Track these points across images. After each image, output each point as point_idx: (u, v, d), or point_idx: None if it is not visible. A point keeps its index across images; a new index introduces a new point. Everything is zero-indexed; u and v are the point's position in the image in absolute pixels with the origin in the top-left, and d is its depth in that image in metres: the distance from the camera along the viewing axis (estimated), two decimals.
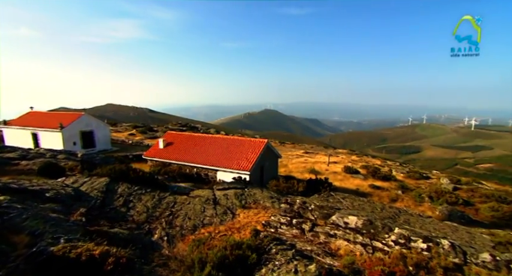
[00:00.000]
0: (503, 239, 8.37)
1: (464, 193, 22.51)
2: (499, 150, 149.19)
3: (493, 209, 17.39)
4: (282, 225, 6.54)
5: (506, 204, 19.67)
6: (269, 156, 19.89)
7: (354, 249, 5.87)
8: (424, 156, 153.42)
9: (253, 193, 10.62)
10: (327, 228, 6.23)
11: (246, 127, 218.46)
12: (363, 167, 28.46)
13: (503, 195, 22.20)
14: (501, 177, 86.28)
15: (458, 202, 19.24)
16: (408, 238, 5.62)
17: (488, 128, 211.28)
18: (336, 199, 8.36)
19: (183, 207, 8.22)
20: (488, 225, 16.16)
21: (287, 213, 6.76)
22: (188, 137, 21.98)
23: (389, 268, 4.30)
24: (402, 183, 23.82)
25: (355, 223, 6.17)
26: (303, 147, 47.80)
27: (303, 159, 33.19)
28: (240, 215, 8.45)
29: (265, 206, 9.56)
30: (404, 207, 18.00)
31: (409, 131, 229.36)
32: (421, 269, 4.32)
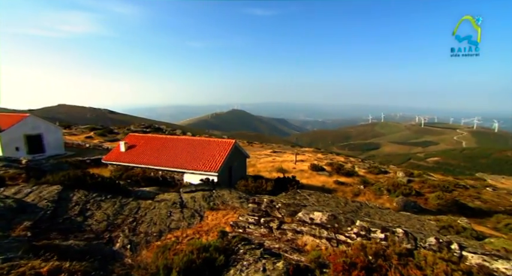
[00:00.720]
0: (445, 223, 9.36)
1: (417, 185, 24.65)
2: (444, 145, 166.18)
3: (438, 197, 19.29)
4: (250, 225, 6.57)
5: (449, 193, 21.99)
6: (237, 157, 19.86)
7: (319, 243, 6.10)
8: (383, 152, 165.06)
9: (222, 194, 10.52)
10: (293, 225, 6.39)
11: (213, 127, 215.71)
12: (328, 164, 29.76)
13: (446, 184, 24.77)
14: (445, 169, 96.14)
15: (412, 193, 21.00)
16: (368, 229, 5.98)
17: (435, 126, 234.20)
18: (302, 196, 8.62)
19: (147, 212, 7.86)
20: (435, 212, 17.90)
21: (255, 213, 6.81)
22: (152, 139, 21.06)
23: (351, 259, 4.53)
24: (364, 178, 25.36)
25: (320, 218, 6.41)
26: (271, 147, 48.56)
27: (271, 158, 33.72)
28: (209, 217, 8.32)
29: (234, 207, 9.53)
30: (366, 200, 19.17)
31: (369, 129, 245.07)
32: (379, 257, 4.62)
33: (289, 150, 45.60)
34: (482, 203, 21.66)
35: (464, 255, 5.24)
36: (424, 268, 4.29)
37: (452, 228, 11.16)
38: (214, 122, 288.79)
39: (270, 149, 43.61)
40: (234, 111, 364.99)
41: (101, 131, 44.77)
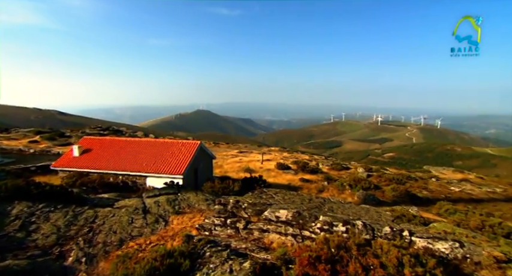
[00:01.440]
0: (399, 213, 10.20)
1: (375, 179, 26.48)
2: (397, 141, 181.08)
3: (393, 189, 20.96)
4: (216, 227, 6.48)
5: (402, 185, 24.00)
6: (203, 158, 19.48)
7: (285, 240, 6.23)
8: (345, 149, 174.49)
9: (187, 197, 10.24)
10: (260, 224, 6.44)
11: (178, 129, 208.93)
12: (293, 163, 30.58)
13: (400, 178, 27.01)
14: (399, 163, 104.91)
15: (371, 187, 22.49)
16: (331, 224, 6.26)
17: (389, 123, 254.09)
18: (268, 195, 8.74)
19: (106, 220, 7.34)
20: (391, 203, 19.39)
21: (221, 214, 6.73)
22: (111, 142, 19.69)
23: (315, 253, 4.69)
24: (327, 175, 26.52)
25: (286, 216, 6.54)
26: (238, 147, 48.51)
27: (238, 158, 33.68)
28: (174, 222, 8.04)
29: (201, 209, 9.33)
30: (330, 196, 20.07)
31: (331, 127, 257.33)
32: (341, 249, 4.85)
33: (256, 150, 45.99)
34: (428, 193, 24.00)
35: (413, 240, 5.75)
36: (380, 256, 4.61)
37: (404, 217, 12.18)
38: (178, 123, 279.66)
39: (236, 150, 43.54)
40: (200, 111, 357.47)
41: (49, 134, 40.51)
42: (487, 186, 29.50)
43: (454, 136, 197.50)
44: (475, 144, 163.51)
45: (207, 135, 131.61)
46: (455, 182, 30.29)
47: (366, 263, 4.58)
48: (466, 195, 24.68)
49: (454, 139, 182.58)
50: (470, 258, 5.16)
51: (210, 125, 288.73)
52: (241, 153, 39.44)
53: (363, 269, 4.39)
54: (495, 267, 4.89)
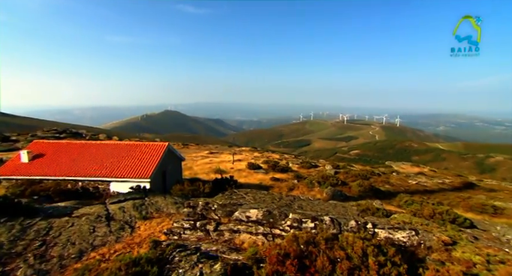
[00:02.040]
0: (364, 207, 10.79)
1: (342, 175, 27.73)
2: (362, 139, 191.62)
3: (359, 185, 22.11)
4: (185, 230, 6.30)
5: (367, 180, 25.41)
6: (171, 160, 18.87)
7: (256, 240, 6.25)
8: (313, 148, 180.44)
9: (156, 201, 9.84)
10: (230, 225, 6.39)
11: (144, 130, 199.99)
12: (264, 162, 30.89)
13: (365, 173, 28.57)
14: (364, 159, 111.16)
15: (338, 183, 23.49)
16: (300, 221, 6.40)
17: (355, 122, 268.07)
18: (239, 195, 8.72)
19: (63, 231, 6.76)
20: (357, 197, 20.43)
21: (190, 217, 6.57)
22: (68, 146, 18.21)
23: (285, 250, 4.76)
24: (297, 173, 27.20)
25: (256, 215, 6.57)
26: (208, 148, 47.78)
27: (208, 159, 33.19)
28: (141, 228, 7.67)
29: (170, 213, 9.02)
30: (300, 193, 20.59)
31: (300, 127, 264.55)
32: (309, 245, 4.98)
33: (226, 150, 45.68)
34: (390, 186, 25.72)
35: (376, 232, 6.10)
36: (346, 248, 4.82)
37: (369, 210, 12.90)
38: (145, 124, 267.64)
39: (206, 151, 42.86)
40: (168, 112, 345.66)
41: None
42: (438, 178, 32.43)
43: (411, 133, 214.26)
44: (428, 140, 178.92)
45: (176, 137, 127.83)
46: (412, 175, 32.85)
47: (333, 256, 4.76)
48: (421, 187, 26.88)
49: (411, 136, 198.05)
50: (423, 244, 5.61)
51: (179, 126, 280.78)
52: (212, 154, 38.92)
53: (330, 262, 4.55)
54: (443, 249, 5.38)
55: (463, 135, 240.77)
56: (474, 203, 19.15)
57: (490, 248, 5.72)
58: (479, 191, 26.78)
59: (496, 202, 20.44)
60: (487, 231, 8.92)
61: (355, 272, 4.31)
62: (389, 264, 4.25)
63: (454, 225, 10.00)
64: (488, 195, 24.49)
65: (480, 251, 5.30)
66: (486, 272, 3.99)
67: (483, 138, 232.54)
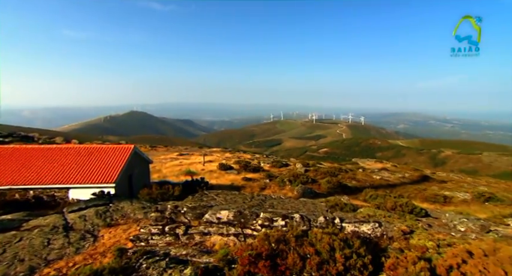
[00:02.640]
0: (333, 203, 11.24)
1: (312, 173, 28.59)
2: (330, 137, 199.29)
3: (328, 182, 22.97)
4: (153, 236, 6.05)
5: (335, 177, 26.48)
6: (138, 163, 18.03)
7: (228, 241, 6.20)
8: (284, 147, 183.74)
9: (121, 207, 9.33)
10: (201, 228, 6.27)
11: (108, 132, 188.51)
12: (236, 163, 30.79)
13: (333, 170, 29.77)
14: (332, 157, 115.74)
15: (308, 181, 24.19)
16: (271, 219, 6.47)
17: (323, 121, 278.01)
18: (209, 197, 8.58)
19: (7, 248, 6.12)
20: (326, 194, 21.20)
21: (158, 222, 6.32)
22: (14, 151, 16.47)
23: (256, 250, 4.77)
24: (269, 173, 27.50)
25: (227, 216, 6.51)
26: (177, 150, 46.42)
27: (178, 161, 32.27)
28: (105, 236, 7.22)
29: (137, 219, 8.61)
30: (271, 193, 20.83)
31: (271, 126, 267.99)
32: (280, 243, 5.05)
33: (197, 151, 44.77)
34: (356, 182, 27.10)
35: (343, 226, 6.37)
36: (315, 244, 4.96)
37: (337, 205, 13.46)
38: (108, 126, 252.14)
39: (176, 152, 41.63)
40: (133, 113, 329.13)
41: None
42: (399, 172, 34.84)
43: (374, 131, 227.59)
44: (390, 137, 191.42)
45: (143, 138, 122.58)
46: (376, 171, 34.91)
47: (303, 253, 4.87)
48: (385, 182, 28.70)
49: (375, 134, 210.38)
50: (386, 234, 5.98)
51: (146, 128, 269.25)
52: (182, 155, 37.90)
53: (301, 259, 4.66)
54: (402, 238, 5.79)
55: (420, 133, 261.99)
56: (428, 194, 20.90)
57: (440, 233, 6.28)
58: (433, 183, 29.28)
59: (446, 192, 22.52)
60: (438, 219, 9.77)
61: (323, 266, 4.45)
62: (354, 256, 4.46)
63: (412, 215, 10.82)
64: (439, 186, 26.89)
65: (432, 237, 5.78)
66: (436, 255, 4.37)
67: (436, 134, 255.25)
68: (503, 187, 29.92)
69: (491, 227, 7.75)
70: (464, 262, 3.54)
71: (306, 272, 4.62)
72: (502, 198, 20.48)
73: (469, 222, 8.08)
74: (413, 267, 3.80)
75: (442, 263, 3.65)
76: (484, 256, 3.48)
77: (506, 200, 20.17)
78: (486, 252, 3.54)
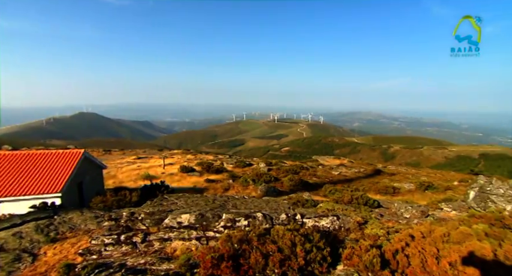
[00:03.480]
0: (295, 200, 11.58)
1: (274, 172, 29.13)
2: (292, 136, 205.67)
3: (290, 180, 23.63)
4: (107, 247, 5.59)
5: (297, 175, 27.36)
6: (89, 169, 16.58)
7: (190, 245, 5.99)
8: (247, 147, 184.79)
9: (70, 218, 8.46)
10: (160, 234, 5.97)
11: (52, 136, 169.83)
12: (198, 164, 30.05)
13: (295, 168, 30.73)
14: (294, 156, 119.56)
15: (271, 180, 24.60)
16: (234, 220, 6.42)
17: (284, 121, 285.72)
18: (170, 201, 8.23)
19: None
20: (289, 192, 21.80)
21: (113, 231, 5.86)
22: None
23: (218, 252, 4.68)
24: (232, 173, 27.33)
25: (188, 220, 6.30)
26: (135, 153, 43.76)
27: (136, 165, 30.44)
28: (48, 253, 6.45)
29: (89, 230, 7.87)
30: (235, 193, 20.76)
31: (234, 126, 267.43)
32: (243, 243, 5.02)
33: (156, 154, 42.73)
34: (317, 179, 28.33)
35: (304, 222, 6.59)
36: (277, 241, 5.04)
37: (299, 202, 13.92)
38: (52, 129, 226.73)
39: (133, 156, 39.22)
40: (83, 114, 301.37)
41: None
42: (355, 168, 37.30)
43: (333, 130, 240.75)
44: (346, 135, 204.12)
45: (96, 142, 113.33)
46: (335, 167, 36.90)
47: (265, 251, 4.91)
48: (343, 177, 30.46)
49: (333, 132, 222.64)
50: (343, 226, 6.33)
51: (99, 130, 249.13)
52: (140, 159, 35.82)
53: (263, 257, 4.69)
54: (358, 229, 6.18)
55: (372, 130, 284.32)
56: (380, 187, 22.72)
57: (390, 222, 6.86)
58: (384, 176, 31.93)
59: (395, 184, 24.73)
60: (389, 209, 10.68)
61: (285, 262, 4.54)
62: (314, 250, 4.62)
63: (366, 207, 11.64)
64: (389, 179, 29.42)
65: (383, 225, 6.28)
66: (386, 241, 4.73)
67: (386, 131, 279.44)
68: (439, 176, 33.87)
69: (429, 212, 8.68)
70: (408, 245, 3.90)
71: (269, 270, 4.67)
72: (438, 186, 23.16)
73: (413, 210, 8.96)
74: (366, 255, 4.06)
75: (389, 248, 3.96)
76: (423, 238, 3.87)
77: (441, 188, 22.86)
78: (424, 234, 3.95)
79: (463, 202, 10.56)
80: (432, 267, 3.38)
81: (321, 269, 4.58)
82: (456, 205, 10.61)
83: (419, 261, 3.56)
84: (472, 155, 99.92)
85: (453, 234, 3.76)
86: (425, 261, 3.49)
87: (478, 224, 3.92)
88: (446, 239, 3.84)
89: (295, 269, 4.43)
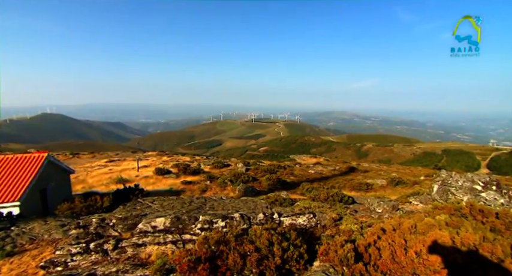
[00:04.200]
0: (273, 199, 11.68)
1: (252, 172, 29.18)
2: (269, 136, 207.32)
3: (268, 179, 23.80)
4: (74, 257, 5.25)
5: (274, 174, 27.63)
6: (54, 175, 15.51)
7: (165, 250, 5.81)
8: (225, 147, 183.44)
9: (30, 228, 7.87)
10: (134, 239, 5.72)
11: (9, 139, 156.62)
12: (174, 166, 29.31)
13: (273, 168, 31.01)
14: (272, 155, 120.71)
15: (249, 180, 24.60)
16: (211, 222, 6.32)
17: (262, 121, 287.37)
18: (144, 205, 7.92)
19: None
20: (267, 191, 21.94)
21: (81, 239, 5.51)
22: None
23: (195, 255, 4.59)
24: (210, 174, 26.97)
25: (163, 224, 6.11)
26: (106, 156, 41.69)
27: (107, 169, 29.02)
28: (3, 269, 5.91)
29: (54, 240, 7.37)
30: (213, 194, 20.51)
31: (211, 127, 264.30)
32: (220, 244, 4.96)
33: (130, 156, 41.04)
34: (294, 177, 28.79)
35: (282, 220, 6.65)
36: (255, 241, 5.03)
37: (277, 201, 14.05)
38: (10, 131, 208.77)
39: (105, 159, 37.34)
40: (46, 115, 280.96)
41: None
42: (330, 166, 38.43)
43: (309, 129, 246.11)
44: (322, 134, 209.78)
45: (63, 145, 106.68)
46: (311, 165, 37.77)
47: (243, 251, 4.88)
48: (319, 175, 31.24)
49: (309, 131, 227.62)
50: (320, 223, 6.48)
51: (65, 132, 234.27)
52: (112, 162, 34.21)
53: (241, 257, 4.66)
54: (333, 225, 6.36)
55: (347, 129, 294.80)
56: (355, 183, 23.60)
57: (364, 216, 7.13)
58: (358, 173, 33.23)
59: (368, 180, 25.82)
60: (363, 204, 11.12)
61: (263, 261, 4.55)
62: (291, 248, 4.67)
63: (342, 203, 12.03)
64: (363, 176, 30.67)
65: (357, 220, 6.52)
66: (359, 236, 4.91)
67: (359, 130, 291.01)
68: (408, 172, 35.93)
69: (399, 206, 9.15)
70: (379, 238, 4.07)
71: (247, 270, 4.65)
72: (407, 182, 24.56)
73: (384, 204, 9.40)
74: (341, 250, 4.18)
75: (363, 242, 4.11)
76: (393, 230, 4.07)
77: (409, 183, 24.26)
78: (394, 227, 4.15)
79: (428, 195, 11.27)
80: (401, 257, 3.56)
81: (298, 266, 4.65)
82: (423, 198, 11.30)
83: (389, 253, 3.73)
84: (436, 151, 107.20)
85: (419, 225, 3.99)
86: (395, 253, 3.66)
87: (440, 214, 4.21)
88: (414, 231, 4.06)
89: (273, 268, 4.45)
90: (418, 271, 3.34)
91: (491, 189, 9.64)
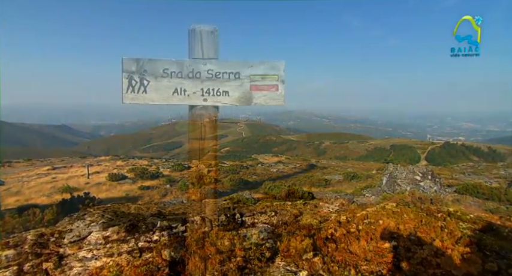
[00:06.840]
0: (235, 200, 11.64)
1: (214, 173, 28.75)
2: (231, 136, 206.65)
3: (230, 180, 23.71)
4: None
5: (237, 174, 27.63)
6: None
7: (120, 261, 5.37)
8: (186, 149, 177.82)
9: None
10: (82, 253, 5.19)
11: None
12: (130, 171, 27.56)
13: (235, 168, 30.99)
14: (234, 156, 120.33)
15: (211, 181, 24.15)
16: (170, 227, 6.04)
17: (223, 121, 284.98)
18: (95, 214, 7.26)
19: None
20: (230, 192, 21.83)
21: (12, 261, 4.82)
22: None
23: (153, 264, 4.34)
24: (169, 178, 25.92)
25: (117, 233, 5.66)
26: (48, 163, 37.41)
27: (50, 177, 26.08)
28: None
29: None
30: (173, 198, 19.73)
31: (170, 128, 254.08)
32: (180, 249, 4.77)
33: (78, 162, 37.46)
34: (257, 177, 29.10)
35: (244, 220, 6.63)
36: (216, 243, 4.94)
37: (240, 201, 14.03)
38: None
39: (46, 166, 33.48)
40: None
41: None
42: (291, 164, 39.67)
43: (270, 128, 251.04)
44: (283, 133, 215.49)
45: None
46: (273, 164, 38.54)
47: (204, 255, 4.75)
48: (281, 174, 32.02)
49: (271, 131, 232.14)
50: (281, 220, 6.59)
51: None
52: (55, 169, 30.86)
53: (202, 261, 4.53)
54: (294, 222, 6.54)
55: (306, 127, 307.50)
56: (315, 180, 24.71)
57: (322, 211, 7.46)
58: (318, 170, 34.83)
59: (326, 176, 27.25)
60: (322, 199, 11.64)
61: (225, 263, 4.47)
62: (253, 247, 4.68)
63: (302, 200, 12.45)
64: (322, 172, 32.26)
65: (316, 215, 6.79)
66: (318, 230, 5.11)
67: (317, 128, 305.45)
68: (362, 167, 38.79)
69: (354, 199, 9.79)
70: (336, 230, 4.29)
71: (209, 273, 4.54)
72: (361, 176, 26.50)
73: (341, 198, 9.97)
74: (301, 245, 4.30)
75: (321, 236, 4.28)
76: (347, 222, 4.32)
77: (363, 177, 26.23)
78: (349, 218, 4.42)
79: (379, 187, 12.29)
80: (355, 247, 3.78)
81: (260, 265, 4.67)
82: (374, 191, 12.28)
83: (345, 244, 3.94)
84: (385, 147, 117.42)
85: (370, 216, 4.30)
86: (349, 243, 3.88)
87: (388, 204, 4.59)
88: (366, 222, 4.36)
89: (235, 269, 4.40)
90: (369, 257, 3.60)
91: (427, 178, 10.85)
